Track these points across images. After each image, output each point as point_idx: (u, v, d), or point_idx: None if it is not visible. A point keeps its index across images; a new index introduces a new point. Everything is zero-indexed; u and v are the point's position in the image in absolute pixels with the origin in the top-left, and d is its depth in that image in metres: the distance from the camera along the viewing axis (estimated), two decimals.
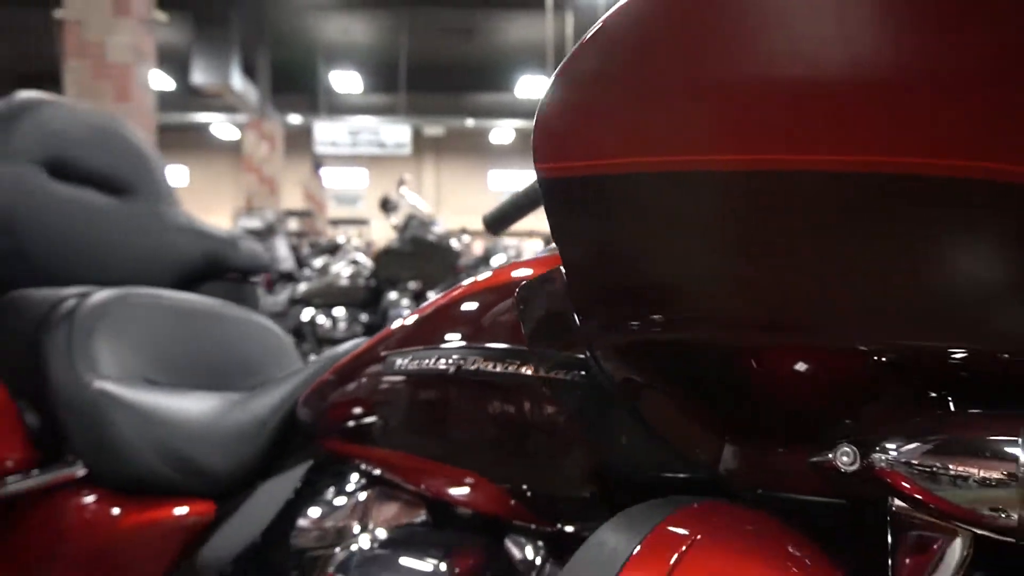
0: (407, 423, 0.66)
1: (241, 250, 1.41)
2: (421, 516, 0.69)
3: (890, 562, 0.41)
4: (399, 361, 0.64)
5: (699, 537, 0.36)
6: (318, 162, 15.78)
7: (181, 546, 0.81)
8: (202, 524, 0.81)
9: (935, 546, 0.39)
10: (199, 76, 10.12)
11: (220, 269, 1.40)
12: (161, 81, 11.31)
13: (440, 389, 0.62)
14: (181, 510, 0.82)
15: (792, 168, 0.34)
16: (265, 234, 5.94)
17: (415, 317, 0.69)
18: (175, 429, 0.84)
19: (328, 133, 12.95)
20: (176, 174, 18.95)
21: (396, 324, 0.71)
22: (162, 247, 1.32)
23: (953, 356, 0.37)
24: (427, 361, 0.60)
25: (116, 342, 0.92)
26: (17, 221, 1.10)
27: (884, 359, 0.39)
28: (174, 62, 10.95)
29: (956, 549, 0.39)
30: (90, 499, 0.84)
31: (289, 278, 5.20)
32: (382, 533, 0.67)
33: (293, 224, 13.11)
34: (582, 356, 0.47)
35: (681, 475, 0.48)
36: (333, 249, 4.39)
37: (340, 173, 19.71)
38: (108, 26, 5.79)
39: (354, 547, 0.66)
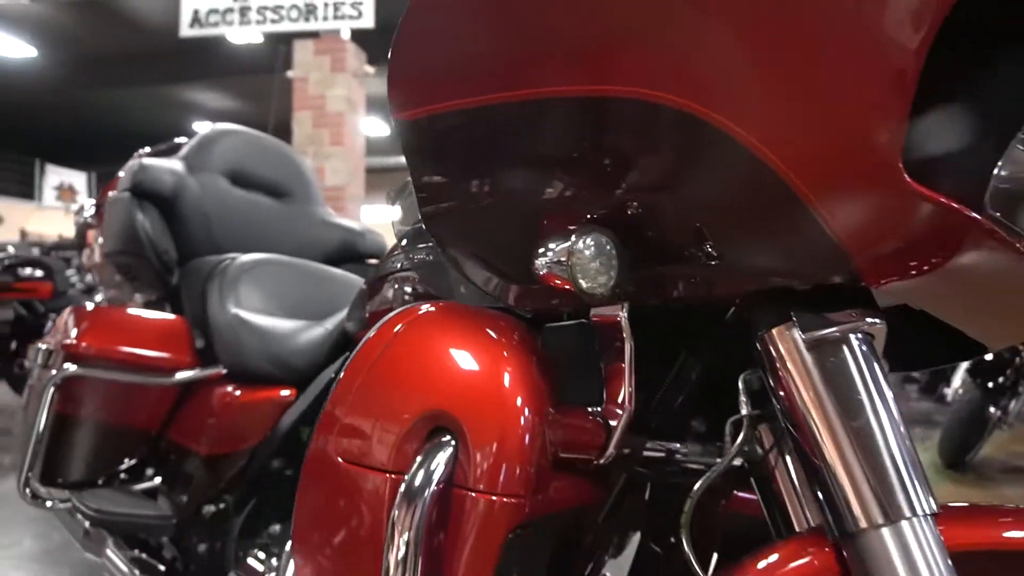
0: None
1: (367, 239, 1.81)
2: None
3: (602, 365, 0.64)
4: (386, 265, 0.94)
5: (414, 320, 0.62)
6: None
7: (277, 416, 1.17)
8: (289, 402, 1.17)
9: (614, 344, 0.62)
10: None
11: (353, 253, 1.80)
12: (376, 128, 12.58)
13: (401, 279, 0.90)
14: (284, 392, 1.19)
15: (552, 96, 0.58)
16: None
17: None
18: (278, 342, 1.21)
19: None
20: (389, 213, 20.72)
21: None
22: (310, 236, 1.74)
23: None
24: (392, 263, 0.90)
25: (251, 287, 1.32)
26: (208, 215, 1.56)
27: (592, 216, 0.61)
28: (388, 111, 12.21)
29: (626, 340, 0.61)
30: (228, 388, 1.23)
31: None
32: None
33: None
34: None
35: None
36: None
37: None
38: (327, 81, 6.75)
39: None
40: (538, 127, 0.58)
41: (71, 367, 1.22)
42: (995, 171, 0.48)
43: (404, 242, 0.96)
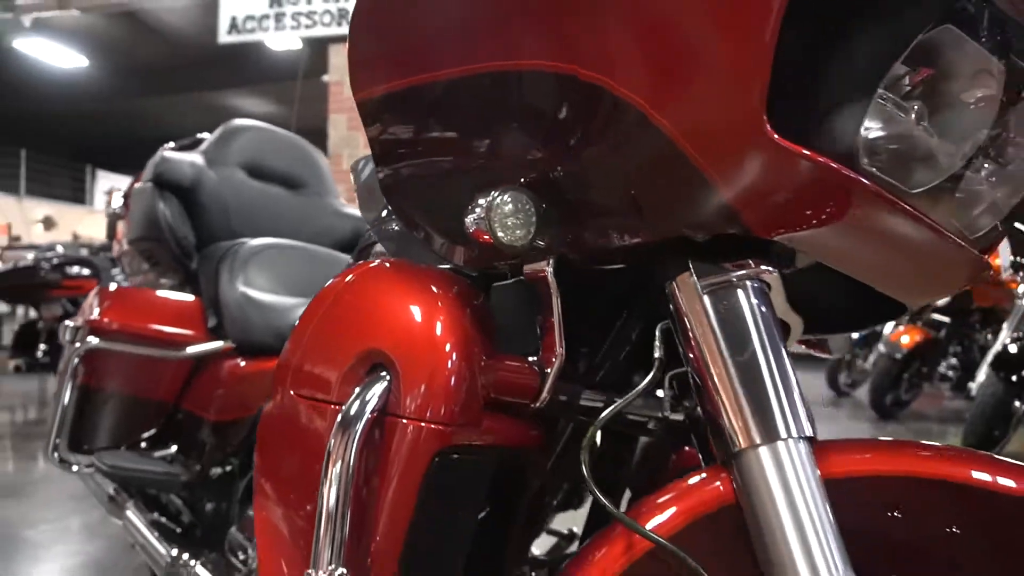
0: None
1: None
2: None
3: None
4: (365, 238, 1.02)
5: (362, 273, 0.70)
6: None
7: None
8: None
9: (545, 298, 0.68)
10: None
11: None
12: None
13: (378, 252, 0.98)
14: None
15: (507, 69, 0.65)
16: None
17: None
18: (281, 317, 1.30)
19: None
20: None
21: None
22: (324, 225, 1.83)
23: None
24: (369, 237, 0.98)
25: (259, 268, 1.42)
26: (226, 204, 1.66)
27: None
28: None
29: (553, 294, 0.67)
30: (235, 360, 1.33)
31: None
32: None
33: None
34: None
35: None
36: None
37: None
38: None
39: None
40: (472, 100, 0.65)
41: (94, 340, 1.33)
42: (862, 129, 0.54)
43: (384, 214, 1.04)
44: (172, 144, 1.85)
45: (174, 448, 1.42)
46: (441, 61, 0.65)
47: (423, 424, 0.61)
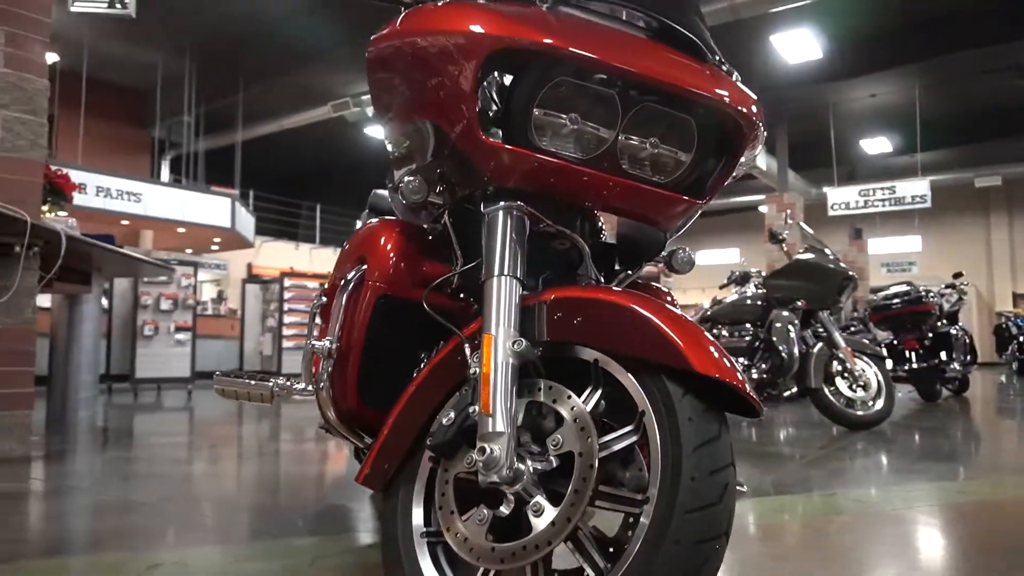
0: None
1: None
2: None
3: None
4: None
5: (371, 225, 1.45)
6: (856, 230, 15.89)
7: None
8: None
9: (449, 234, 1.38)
10: None
11: None
12: None
13: None
14: None
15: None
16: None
17: None
18: None
19: (839, 197, 13.24)
20: (730, 254, 21.28)
21: None
22: None
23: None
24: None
25: None
26: None
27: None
28: None
29: (451, 229, 1.36)
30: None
31: None
32: None
33: None
34: None
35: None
36: (743, 279, 5.20)
37: (889, 242, 18.96)
38: None
39: None
40: (407, 135, 1.38)
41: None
42: (532, 129, 1.16)
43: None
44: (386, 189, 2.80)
45: None
46: (407, 113, 1.38)
47: (376, 284, 1.35)
